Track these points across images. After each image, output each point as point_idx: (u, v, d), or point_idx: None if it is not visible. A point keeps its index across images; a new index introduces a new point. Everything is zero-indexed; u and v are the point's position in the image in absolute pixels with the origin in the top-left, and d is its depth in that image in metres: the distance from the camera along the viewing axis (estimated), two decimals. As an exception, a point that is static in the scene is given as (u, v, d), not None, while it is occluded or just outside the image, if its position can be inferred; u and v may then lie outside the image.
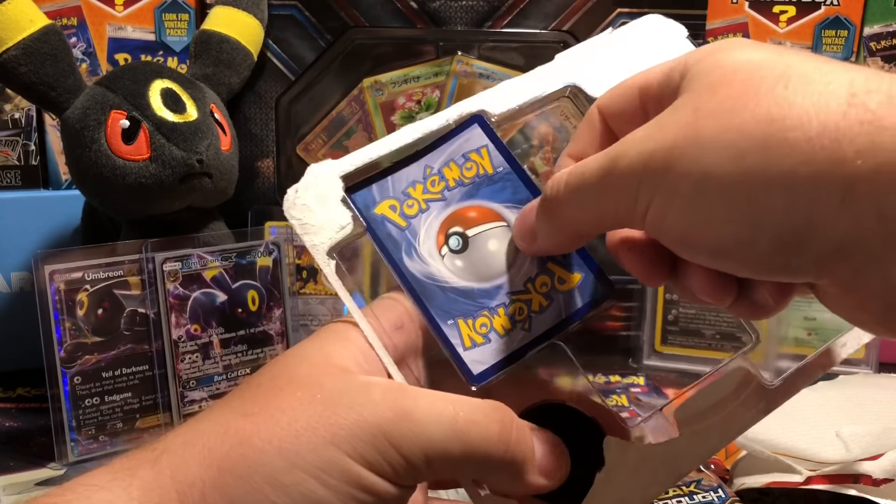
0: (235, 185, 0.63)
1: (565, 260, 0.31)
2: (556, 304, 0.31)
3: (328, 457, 0.25)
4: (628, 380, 0.65)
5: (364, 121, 0.73)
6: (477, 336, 0.31)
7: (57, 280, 0.54)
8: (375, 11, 0.71)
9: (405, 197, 0.32)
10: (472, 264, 0.31)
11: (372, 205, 0.32)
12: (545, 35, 0.72)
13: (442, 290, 0.31)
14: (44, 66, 0.56)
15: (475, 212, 0.32)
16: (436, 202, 0.32)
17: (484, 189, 0.32)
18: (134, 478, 0.25)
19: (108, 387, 0.56)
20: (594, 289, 0.31)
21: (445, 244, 0.32)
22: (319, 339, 0.29)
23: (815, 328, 0.69)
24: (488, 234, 0.32)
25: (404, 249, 0.31)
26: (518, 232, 0.31)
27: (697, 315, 0.70)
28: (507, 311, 0.31)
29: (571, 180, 0.27)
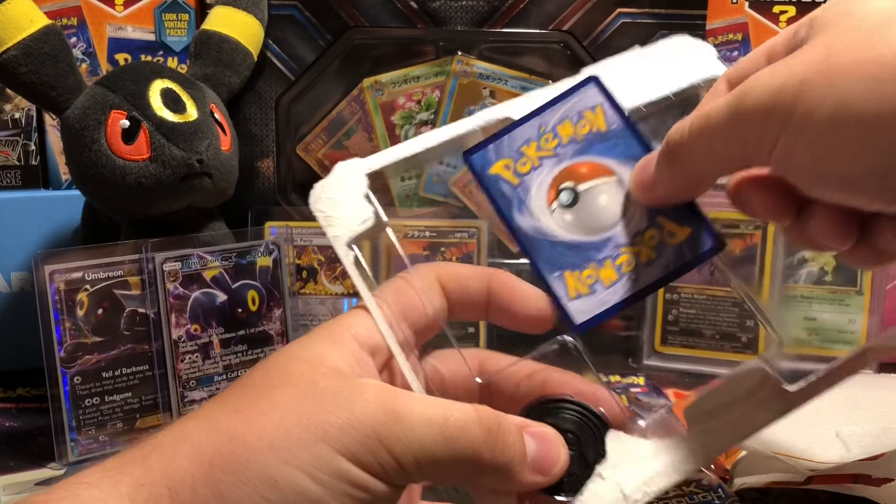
0: (235, 185, 0.63)
1: (675, 214, 0.32)
2: (664, 257, 0.32)
3: (319, 454, 0.25)
4: (628, 380, 0.65)
5: (364, 121, 0.73)
6: (583, 287, 0.32)
7: (57, 280, 0.54)
8: (375, 11, 0.71)
9: (519, 155, 0.33)
10: (581, 218, 0.32)
11: (488, 165, 0.33)
12: (545, 35, 0.72)
13: (550, 243, 0.32)
14: (44, 66, 0.56)
15: (587, 167, 0.33)
16: (548, 159, 0.33)
17: (597, 145, 0.33)
18: (124, 474, 0.25)
19: (108, 387, 0.56)
20: (703, 241, 0.32)
21: (556, 199, 0.33)
22: (312, 339, 0.29)
23: (815, 328, 0.69)
24: (599, 188, 0.33)
25: (515, 206, 0.33)
26: (637, 182, 0.32)
27: (697, 315, 0.70)
28: (613, 264, 0.32)
29: (696, 123, 0.28)
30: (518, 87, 0.72)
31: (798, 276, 0.70)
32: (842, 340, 0.68)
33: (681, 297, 0.70)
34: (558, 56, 0.72)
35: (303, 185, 0.75)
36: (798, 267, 0.70)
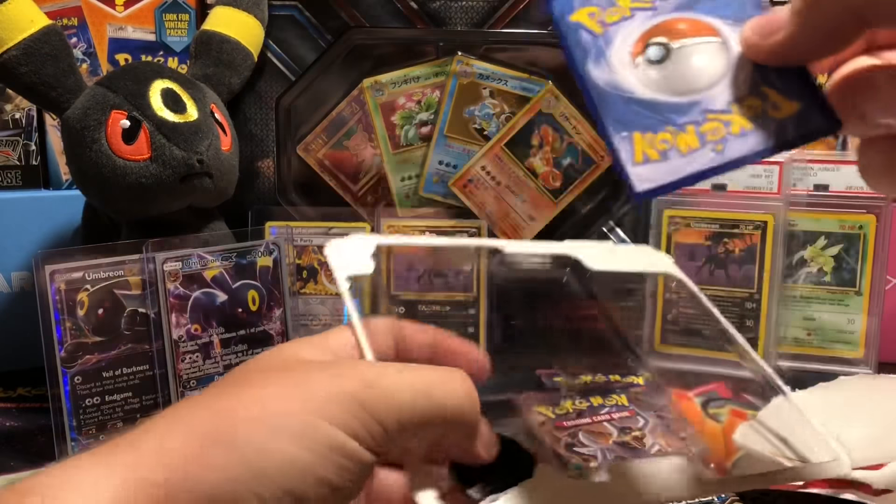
0: (236, 185, 0.63)
1: (785, 84, 0.28)
2: (763, 130, 0.28)
3: (309, 423, 0.26)
4: (627, 379, 0.65)
5: (364, 121, 0.73)
6: (653, 151, 0.28)
7: (57, 280, 0.54)
8: (375, 12, 0.71)
9: (609, 4, 0.30)
10: (668, 77, 0.29)
11: (569, 11, 0.30)
12: (545, 35, 0.72)
13: (624, 100, 0.29)
14: (44, 66, 0.56)
15: (687, 24, 0.29)
16: (644, 11, 0.30)
17: (704, 3, 0.29)
18: (115, 456, 0.26)
19: (109, 386, 0.56)
20: (815, 118, 0.27)
21: (643, 53, 0.29)
22: (289, 344, 0.31)
23: (814, 328, 0.69)
24: (697, 48, 0.29)
25: (593, 56, 0.29)
26: (756, 27, 0.28)
27: (697, 315, 0.70)
28: (697, 130, 0.28)
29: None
30: (518, 87, 0.72)
31: (798, 276, 0.70)
32: (841, 340, 0.68)
33: (680, 296, 0.70)
34: (558, 56, 0.73)
35: (303, 185, 0.75)
36: (798, 267, 0.70)
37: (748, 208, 0.68)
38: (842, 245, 0.69)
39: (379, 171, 0.74)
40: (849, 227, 0.69)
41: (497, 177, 0.74)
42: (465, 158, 0.73)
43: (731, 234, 0.69)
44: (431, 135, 0.73)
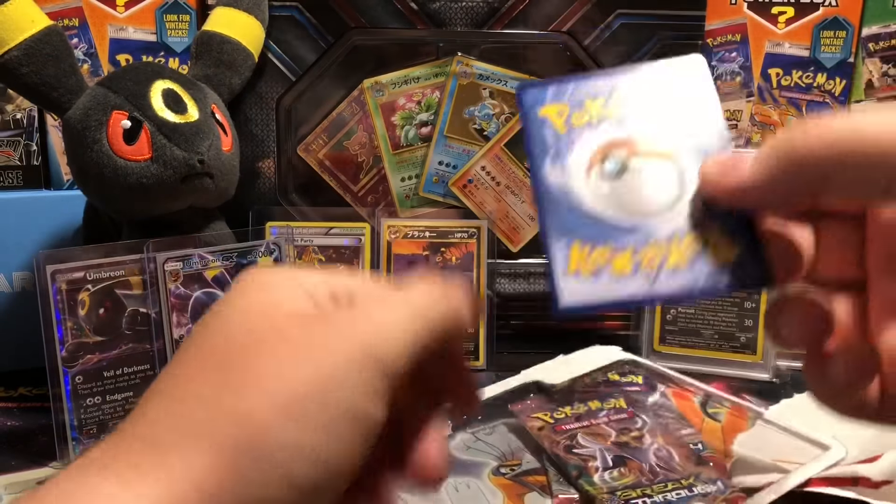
0: (236, 186, 0.64)
1: (729, 227, 0.27)
2: (697, 270, 0.27)
3: (332, 406, 0.25)
4: (627, 379, 0.65)
5: (364, 121, 0.74)
6: (586, 267, 0.28)
7: (59, 280, 0.54)
8: (376, 12, 0.71)
9: (579, 107, 0.30)
10: (620, 194, 0.28)
11: (539, 104, 0.30)
12: (545, 36, 0.72)
13: (572, 208, 0.28)
14: (45, 66, 0.56)
15: (650, 144, 0.29)
16: (610, 121, 0.30)
17: (671, 126, 0.29)
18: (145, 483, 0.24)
19: (110, 386, 0.56)
20: (750, 270, 0.27)
21: (600, 164, 0.29)
22: (257, 287, 0.28)
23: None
24: (654, 170, 0.29)
25: (551, 155, 0.29)
26: (719, 162, 0.28)
27: (696, 315, 0.70)
28: (635, 255, 0.28)
29: (850, 121, 0.24)
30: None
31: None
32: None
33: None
34: (558, 57, 0.73)
35: (303, 185, 0.75)
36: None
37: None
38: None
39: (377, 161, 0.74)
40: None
41: (497, 177, 0.74)
42: (465, 158, 0.74)
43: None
44: (431, 135, 0.73)
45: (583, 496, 0.50)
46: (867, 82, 0.73)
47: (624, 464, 0.53)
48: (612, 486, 0.50)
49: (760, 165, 0.26)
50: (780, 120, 0.75)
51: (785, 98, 0.74)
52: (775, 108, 0.75)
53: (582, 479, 0.51)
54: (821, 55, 0.73)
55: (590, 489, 0.50)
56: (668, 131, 0.29)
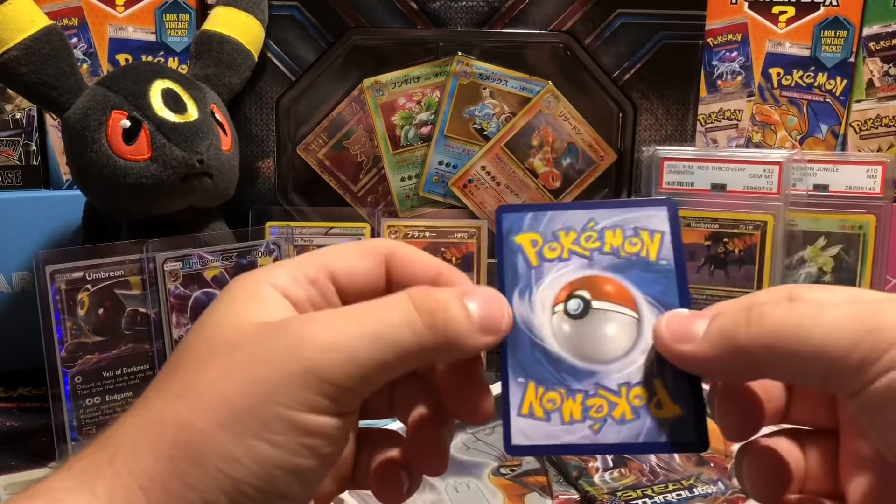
0: (236, 186, 0.64)
1: (675, 386, 0.28)
2: (639, 424, 0.28)
3: (268, 416, 0.25)
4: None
5: (364, 121, 0.74)
6: (539, 408, 0.29)
7: (58, 280, 0.54)
8: (375, 12, 0.71)
9: (552, 238, 0.30)
10: (578, 336, 0.29)
11: (516, 231, 0.31)
12: (545, 35, 0.72)
13: (532, 345, 0.29)
14: (45, 66, 0.56)
15: (614, 287, 0.30)
16: (580, 257, 0.30)
17: (635, 272, 0.30)
18: (97, 478, 0.25)
19: (109, 386, 0.56)
20: (688, 432, 0.28)
21: (564, 302, 0.30)
22: (231, 300, 0.29)
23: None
24: (614, 315, 0.29)
25: (520, 288, 0.30)
26: (671, 326, 0.28)
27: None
28: (584, 401, 0.29)
29: (805, 310, 0.26)
30: (518, 87, 0.72)
31: (797, 276, 0.70)
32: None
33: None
34: (558, 56, 0.73)
35: (303, 185, 0.75)
36: (797, 267, 0.70)
37: (748, 208, 0.68)
38: (841, 245, 0.69)
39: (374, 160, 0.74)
40: (848, 227, 0.69)
41: (497, 177, 0.74)
42: (465, 158, 0.74)
43: (730, 234, 0.69)
44: (431, 135, 0.73)
45: (583, 497, 0.50)
46: (868, 82, 0.73)
47: (624, 464, 0.52)
48: (612, 487, 0.50)
49: (706, 343, 0.27)
50: (781, 119, 0.75)
51: (786, 97, 0.74)
52: (776, 107, 0.75)
53: (582, 479, 0.51)
54: (821, 55, 0.73)
55: (590, 490, 0.50)
56: (635, 277, 0.30)
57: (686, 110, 0.73)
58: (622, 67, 0.72)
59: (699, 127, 0.75)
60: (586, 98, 0.73)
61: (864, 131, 0.74)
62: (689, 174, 0.70)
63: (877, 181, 0.69)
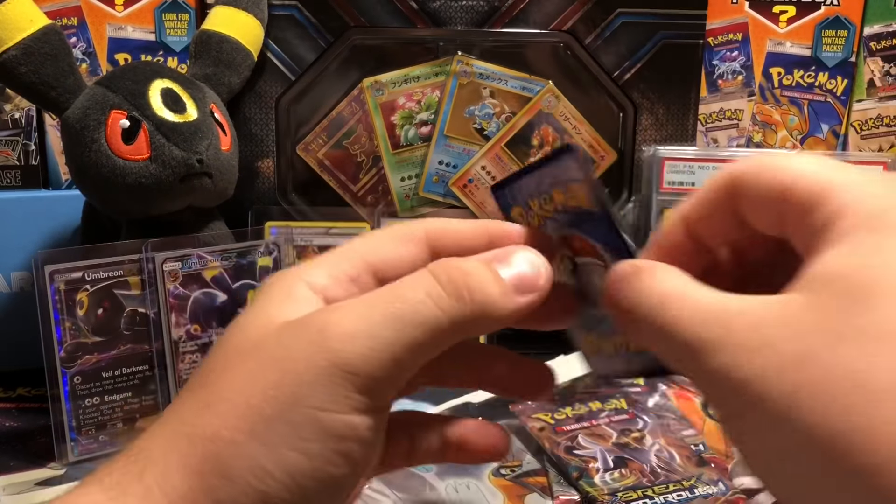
0: (235, 185, 0.63)
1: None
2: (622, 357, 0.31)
3: (299, 420, 0.24)
4: (627, 380, 0.65)
5: (364, 121, 0.73)
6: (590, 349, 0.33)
7: (57, 280, 0.54)
8: (375, 11, 0.71)
9: (527, 208, 0.32)
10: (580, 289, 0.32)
11: (509, 207, 0.32)
12: (545, 35, 0.72)
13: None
14: (44, 66, 0.56)
15: (581, 243, 0.31)
16: (550, 221, 0.31)
17: (585, 224, 0.30)
18: (127, 495, 0.24)
19: (109, 387, 0.56)
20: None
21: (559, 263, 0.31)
22: (264, 300, 0.28)
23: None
24: (592, 268, 0.31)
25: None
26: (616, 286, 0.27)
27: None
28: (613, 339, 0.31)
29: (672, 303, 0.23)
30: (518, 87, 0.72)
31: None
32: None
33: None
34: (558, 56, 0.73)
35: (303, 185, 0.75)
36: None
37: (748, 208, 0.68)
38: (842, 245, 0.69)
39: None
40: (849, 227, 0.69)
41: (497, 177, 0.74)
42: (465, 158, 0.73)
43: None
44: (431, 135, 0.73)
45: (583, 497, 0.50)
46: (869, 81, 0.73)
47: (625, 465, 0.52)
48: (612, 488, 0.50)
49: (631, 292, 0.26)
50: (782, 119, 0.75)
51: (786, 97, 0.74)
52: (777, 107, 0.74)
53: (583, 480, 0.51)
54: (822, 54, 0.73)
55: (590, 490, 0.50)
56: (587, 229, 0.30)
57: (686, 110, 0.73)
58: (622, 67, 0.72)
59: (700, 127, 0.75)
60: (586, 98, 0.73)
61: (865, 131, 0.74)
62: (690, 174, 0.70)
63: (878, 181, 0.68)
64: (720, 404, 0.22)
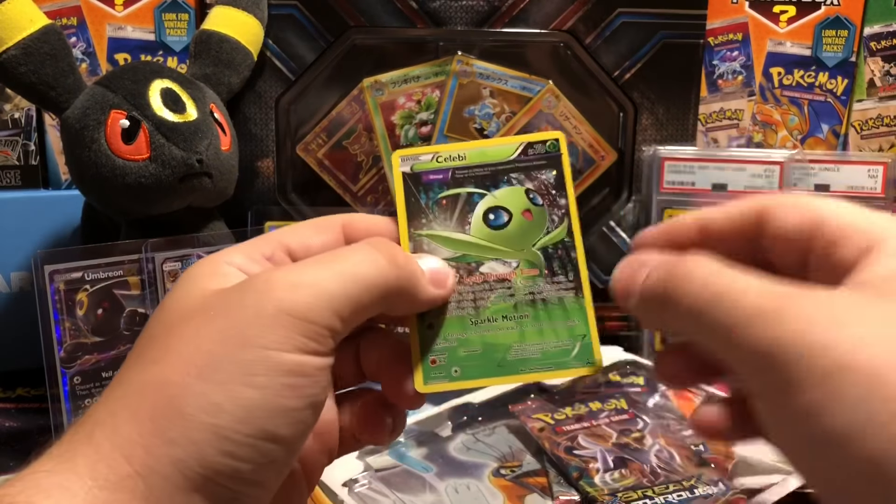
0: (235, 185, 0.63)
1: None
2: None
3: (248, 359, 0.25)
4: (627, 380, 0.65)
5: (364, 121, 0.73)
6: None
7: (57, 280, 0.54)
8: (375, 11, 0.71)
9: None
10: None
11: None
12: (545, 35, 0.72)
13: None
14: (43, 65, 0.56)
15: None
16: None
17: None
18: (77, 456, 0.25)
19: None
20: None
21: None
22: (192, 278, 0.29)
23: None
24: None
25: None
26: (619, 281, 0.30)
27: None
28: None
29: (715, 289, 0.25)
30: (518, 86, 0.72)
31: (798, 276, 0.70)
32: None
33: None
34: (558, 56, 0.72)
35: (303, 185, 0.75)
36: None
37: (749, 208, 0.68)
38: (842, 245, 0.69)
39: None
40: (849, 227, 0.69)
41: (497, 177, 0.74)
42: (465, 158, 0.73)
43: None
44: (431, 135, 0.73)
45: (583, 497, 0.50)
46: (869, 81, 0.73)
47: (625, 465, 0.52)
48: (613, 488, 0.50)
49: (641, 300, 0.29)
50: (782, 119, 0.75)
51: (787, 97, 0.74)
52: (777, 107, 0.74)
53: (583, 480, 0.51)
54: (822, 54, 0.73)
55: (591, 490, 0.50)
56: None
57: (687, 110, 0.73)
58: (623, 67, 0.72)
59: (700, 126, 0.75)
60: (587, 97, 0.73)
61: (866, 131, 0.74)
62: (690, 174, 0.70)
63: (878, 181, 0.69)
64: (768, 377, 0.23)
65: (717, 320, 0.25)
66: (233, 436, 0.24)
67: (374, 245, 0.29)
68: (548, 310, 0.32)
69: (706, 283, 0.25)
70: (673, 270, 0.27)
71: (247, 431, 0.25)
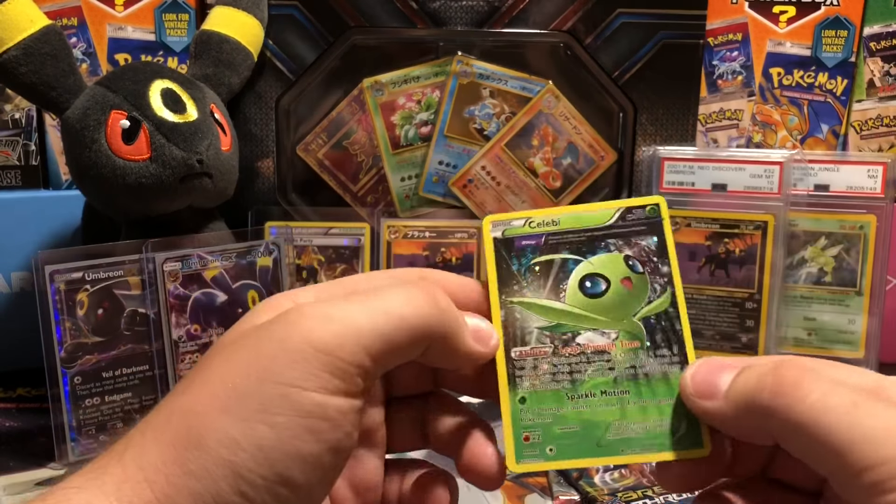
0: (235, 186, 0.63)
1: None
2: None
3: (267, 394, 0.24)
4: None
5: (364, 121, 0.73)
6: None
7: (57, 280, 0.54)
8: (375, 11, 0.71)
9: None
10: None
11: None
12: (545, 35, 0.72)
13: None
14: (44, 66, 0.56)
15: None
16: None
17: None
18: (106, 475, 0.25)
19: (109, 387, 0.56)
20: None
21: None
22: (251, 314, 0.29)
23: (815, 328, 0.69)
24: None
25: None
26: (696, 382, 0.29)
27: (697, 315, 0.70)
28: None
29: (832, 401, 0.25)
30: (518, 87, 0.72)
31: (798, 276, 0.70)
32: (841, 341, 0.68)
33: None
34: (558, 56, 0.73)
35: (303, 185, 0.75)
36: (798, 267, 0.70)
37: (749, 208, 0.68)
38: (842, 245, 0.69)
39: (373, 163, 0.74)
40: (849, 227, 0.69)
41: (497, 177, 0.74)
42: (465, 158, 0.73)
43: (731, 234, 0.69)
44: (431, 135, 0.73)
45: (583, 497, 0.50)
46: (868, 82, 0.73)
47: (625, 465, 0.52)
48: (612, 488, 0.50)
49: (729, 403, 0.28)
50: (782, 119, 0.75)
51: (786, 97, 0.74)
52: (776, 107, 0.74)
53: (583, 480, 0.51)
54: (822, 54, 0.73)
55: (590, 490, 0.50)
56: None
57: (686, 110, 0.73)
58: (622, 67, 0.72)
59: (700, 127, 0.75)
60: (586, 98, 0.73)
61: (865, 131, 0.74)
62: (690, 174, 0.70)
63: (877, 181, 0.69)
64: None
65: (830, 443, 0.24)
66: (247, 475, 0.24)
67: (417, 284, 0.28)
68: (651, 386, 0.30)
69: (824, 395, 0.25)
70: (769, 378, 0.27)
71: (261, 472, 0.24)
